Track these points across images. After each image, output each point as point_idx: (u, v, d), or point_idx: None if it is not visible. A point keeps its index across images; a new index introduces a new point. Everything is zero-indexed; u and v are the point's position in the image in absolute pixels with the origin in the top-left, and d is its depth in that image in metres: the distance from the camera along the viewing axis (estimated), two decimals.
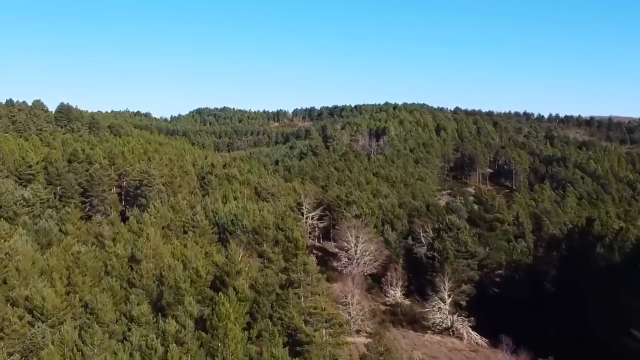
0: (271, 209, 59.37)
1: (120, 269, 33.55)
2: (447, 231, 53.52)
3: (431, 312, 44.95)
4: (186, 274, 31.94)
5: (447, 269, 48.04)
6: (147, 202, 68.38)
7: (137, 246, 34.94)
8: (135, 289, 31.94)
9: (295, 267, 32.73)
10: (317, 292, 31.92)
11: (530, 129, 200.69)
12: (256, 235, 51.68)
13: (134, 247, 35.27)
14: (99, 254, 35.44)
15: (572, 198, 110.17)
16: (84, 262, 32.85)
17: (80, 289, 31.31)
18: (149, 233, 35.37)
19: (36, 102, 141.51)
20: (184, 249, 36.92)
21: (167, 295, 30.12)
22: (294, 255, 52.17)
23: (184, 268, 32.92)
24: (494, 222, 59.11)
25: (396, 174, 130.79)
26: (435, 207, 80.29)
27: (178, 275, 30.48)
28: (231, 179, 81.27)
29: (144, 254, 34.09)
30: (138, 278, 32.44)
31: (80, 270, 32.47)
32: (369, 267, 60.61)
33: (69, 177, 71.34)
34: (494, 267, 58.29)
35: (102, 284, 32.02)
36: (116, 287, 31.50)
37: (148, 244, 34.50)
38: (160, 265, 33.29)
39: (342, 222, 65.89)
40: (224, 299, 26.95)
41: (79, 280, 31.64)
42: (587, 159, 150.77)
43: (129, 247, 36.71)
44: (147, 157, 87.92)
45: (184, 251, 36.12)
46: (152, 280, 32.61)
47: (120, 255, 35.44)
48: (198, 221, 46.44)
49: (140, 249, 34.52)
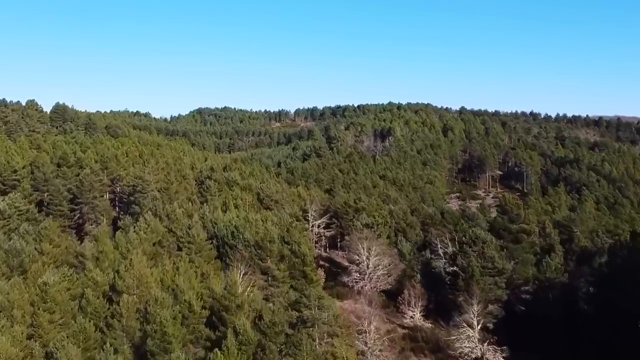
0: (275, 219, 54.07)
1: (97, 304, 28.17)
2: (472, 245, 48.19)
3: (458, 340, 39.66)
4: (177, 310, 26.75)
5: (475, 290, 42.69)
6: (140, 209, 63.25)
7: (120, 273, 29.57)
8: (113, 332, 26.68)
9: (308, 301, 27.44)
10: (334, 333, 26.68)
11: (540, 130, 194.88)
12: (259, 250, 46.43)
13: (115, 276, 29.88)
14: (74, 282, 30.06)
15: (590, 203, 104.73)
16: (53, 296, 27.53)
17: (46, 331, 26.05)
18: (132, 259, 29.99)
19: (30, 102, 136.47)
20: (175, 274, 31.59)
21: (151, 342, 24.86)
22: (302, 272, 47.19)
23: (174, 300, 27.74)
24: (520, 234, 53.73)
25: (404, 177, 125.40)
26: (450, 214, 74.93)
27: (164, 317, 25.10)
28: (232, 184, 75.96)
29: (126, 285, 28.74)
30: (117, 317, 27.12)
31: (48, 307, 27.20)
32: (383, 283, 55.31)
33: (57, 183, 66.12)
34: (520, 283, 53.00)
35: (74, 324, 26.70)
36: (89, 330, 26.18)
37: (132, 272, 29.17)
38: (146, 297, 28.00)
39: (353, 232, 60.56)
40: (220, 356, 21.76)
41: (45, 320, 26.36)
42: (601, 161, 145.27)
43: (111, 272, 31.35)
44: (142, 161, 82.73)
45: (176, 278, 30.80)
46: (136, 318, 27.31)
47: (99, 283, 30.02)
48: (194, 236, 41.14)
49: (123, 277, 29.16)
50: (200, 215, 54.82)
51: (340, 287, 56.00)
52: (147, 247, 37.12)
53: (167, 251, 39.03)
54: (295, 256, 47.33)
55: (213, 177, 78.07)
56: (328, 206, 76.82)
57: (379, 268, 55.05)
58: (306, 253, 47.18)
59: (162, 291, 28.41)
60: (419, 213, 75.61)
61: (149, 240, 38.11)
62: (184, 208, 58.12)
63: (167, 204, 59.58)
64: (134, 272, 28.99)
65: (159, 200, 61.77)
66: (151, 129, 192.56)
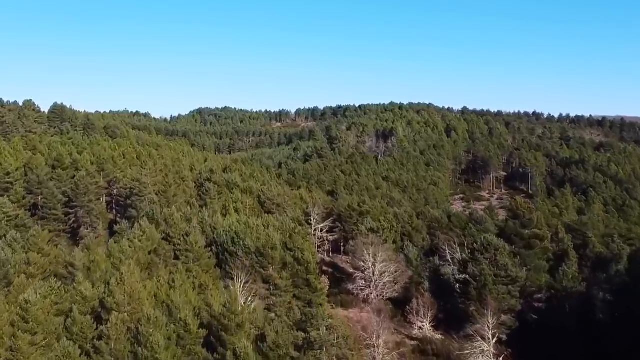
0: (277, 223, 51.87)
1: (84, 323, 25.80)
2: (483, 252, 45.90)
3: (472, 355, 37.39)
4: (171, 330, 24.52)
5: (489, 300, 40.42)
6: (137, 213, 61.12)
7: (110, 288, 27.19)
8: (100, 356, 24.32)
9: (315, 321, 25.18)
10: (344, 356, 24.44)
11: (545, 130, 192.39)
12: (261, 257, 44.26)
13: (106, 290, 27.46)
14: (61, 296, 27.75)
15: (598, 205, 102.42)
16: (35, 315, 25.25)
17: (25, 355, 23.76)
18: (124, 272, 27.66)
19: (27, 102, 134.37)
20: (170, 288, 29.29)
21: None
22: (306, 281, 44.98)
23: (169, 317, 25.49)
24: (532, 240, 51.41)
25: (407, 178, 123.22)
26: (457, 217, 72.64)
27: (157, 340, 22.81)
28: (232, 186, 73.77)
29: (116, 301, 26.39)
30: (105, 339, 24.78)
31: (29, 327, 24.90)
32: (389, 290, 53.06)
33: (51, 186, 63.95)
34: (533, 291, 50.73)
35: (57, 347, 24.36)
36: (74, 354, 23.83)
37: (123, 287, 26.83)
38: (138, 315, 25.67)
39: (357, 237, 58.28)
40: None
41: (25, 343, 24.02)
42: (607, 162, 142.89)
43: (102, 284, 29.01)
44: (140, 162, 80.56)
45: (171, 293, 28.51)
46: (126, 339, 24.94)
47: (88, 297, 27.69)
48: (192, 244, 38.90)
49: (113, 292, 26.78)
50: (199, 220, 52.66)
51: (345, 295, 53.79)
52: (142, 256, 34.87)
53: (164, 260, 36.81)
54: (299, 263, 45.18)
55: (213, 179, 75.91)
56: (331, 209, 74.57)
57: (385, 275, 52.85)
58: (310, 260, 45.03)
59: (155, 308, 26.10)
60: (424, 216, 73.35)
61: (144, 248, 35.88)
62: (182, 212, 55.93)
63: (165, 207, 57.43)
64: (125, 287, 26.71)
65: (157, 204, 59.62)
66: (151, 130, 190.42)
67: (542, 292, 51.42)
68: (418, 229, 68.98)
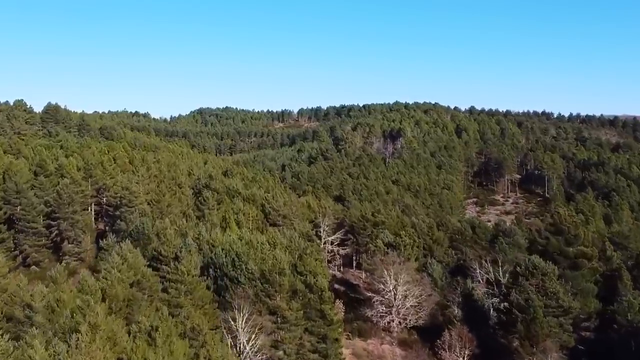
0: (285, 241, 45.00)
1: None
2: (529, 277, 38.98)
3: None
4: None
5: (539, 335, 33.56)
6: (127, 226, 54.37)
7: (69, 351, 19.94)
8: None
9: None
10: None
11: (559, 130, 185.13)
12: (266, 285, 37.39)
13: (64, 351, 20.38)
14: None
15: (626, 211, 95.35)
16: None
17: None
18: (84, 329, 20.51)
19: (17, 102, 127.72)
20: (151, 344, 22.30)
21: None
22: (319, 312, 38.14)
23: None
24: (579, 259, 44.53)
25: (419, 182, 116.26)
26: (482, 229, 65.72)
27: None
28: (233, 194, 66.96)
29: None
30: None
31: None
32: (413, 317, 46.17)
33: (30, 195, 57.19)
34: (582, 319, 43.86)
35: None
36: None
37: (80, 356, 19.57)
38: None
39: (374, 254, 51.42)
40: None
41: None
42: (627, 163, 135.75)
43: (65, 334, 22.03)
44: (133, 167, 73.76)
45: (149, 354, 21.44)
46: None
47: None
48: (184, 273, 32.11)
49: (72, 355, 19.58)
50: (195, 236, 45.89)
51: (362, 321, 46.93)
52: (121, 291, 28.06)
53: (148, 294, 30.00)
54: (311, 291, 38.27)
55: (212, 185, 69.11)
56: (342, 219, 67.83)
57: (408, 299, 45.99)
58: (324, 287, 38.16)
59: None
60: (445, 227, 66.40)
61: (125, 280, 29.13)
62: (176, 225, 49.21)
63: (157, 219, 50.65)
64: (82, 356, 19.48)
65: (148, 216, 52.80)
66: (150, 130, 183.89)
67: (591, 319, 44.63)
68: (439, 242, 62.11)
